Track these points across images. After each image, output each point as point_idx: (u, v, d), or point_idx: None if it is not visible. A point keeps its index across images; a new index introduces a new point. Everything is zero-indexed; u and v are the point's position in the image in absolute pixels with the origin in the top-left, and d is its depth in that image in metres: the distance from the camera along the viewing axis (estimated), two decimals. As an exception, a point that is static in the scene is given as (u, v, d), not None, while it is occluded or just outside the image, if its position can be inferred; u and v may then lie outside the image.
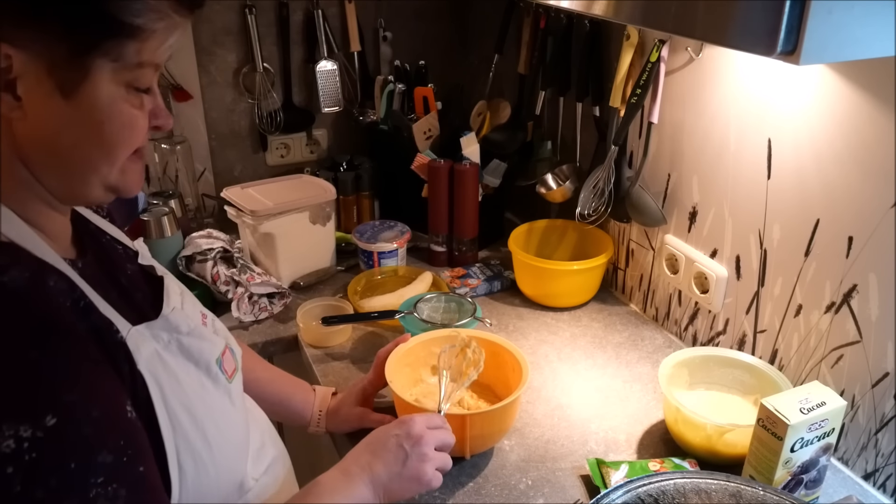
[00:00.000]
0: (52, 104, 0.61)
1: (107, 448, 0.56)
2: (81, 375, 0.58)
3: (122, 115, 0.65)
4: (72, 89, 0.61)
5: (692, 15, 0.69)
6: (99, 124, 0.64)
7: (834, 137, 0.99)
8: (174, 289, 0.81)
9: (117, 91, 0.64)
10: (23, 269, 0.59)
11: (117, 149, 0.66)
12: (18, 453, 0.51)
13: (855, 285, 1.00)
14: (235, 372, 0.82)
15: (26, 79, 0.60)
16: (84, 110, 0.63)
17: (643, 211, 1.35)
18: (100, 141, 0.65)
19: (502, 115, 1.68)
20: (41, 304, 0.58)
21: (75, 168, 0.66)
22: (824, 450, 0.95)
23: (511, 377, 1.10)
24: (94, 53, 0.61)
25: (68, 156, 0.65)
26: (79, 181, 0.66)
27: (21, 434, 0.52)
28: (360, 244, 1.54)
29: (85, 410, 0.56)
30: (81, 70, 0.61)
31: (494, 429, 1.06)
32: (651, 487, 0.85)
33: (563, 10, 1.43)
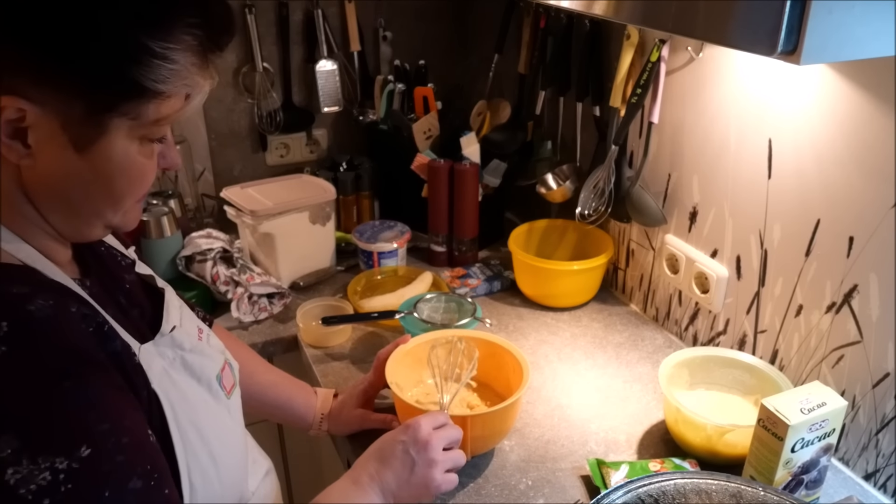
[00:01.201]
0: (64, 157, 0.61)
1: (136, 474, 0.57)
2: (111, 404, 0.58)
3: (133, 169, 0.65)
4: (86, 145, 0.61)
5: (692, 15, 0.69)
6: (110, 178, 0.64)
7: (834, 137, 0.99)
8: (174, 303, 0.80)
9: (131, 146, 0.64)
10: (46, 296, 0.58)
11: (126, 199, 0.67)
12: (55, 485, 0.51)
13: (855, 285, 1.00)
14: (234, 388, 0.82)
15: (38, 130, 0.59)
16: (96, 165, 0.62)
17: (643, 211, 1.35)
18: (109, 192, 0.65)
19: (502, 115, 1.68)
20: (68, 333, 0.58)
21: (81, 214, 0.67)
22: (825, 450, 0.94)
23: (512, 378, 1.10)
24: (112, 113, 0.61)
25: (75, 203, 0.65)
26: (84, 224, 0.67)
27: (57, 466, 0.52)
28: (360, 244, 1.54)
29: (116, 439, 0.56)
30: (98, 127, 0.61)
31: (496, 430, 1.05)
32: (651, 488, 0.85)
33: (563, 10, 1.43)
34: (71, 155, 0.61)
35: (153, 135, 0.65)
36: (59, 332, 0.57)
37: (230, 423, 0.79)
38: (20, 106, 0.57)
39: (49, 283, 0.62)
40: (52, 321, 0.57)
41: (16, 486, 0.50)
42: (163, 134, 0.66)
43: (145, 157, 0.66)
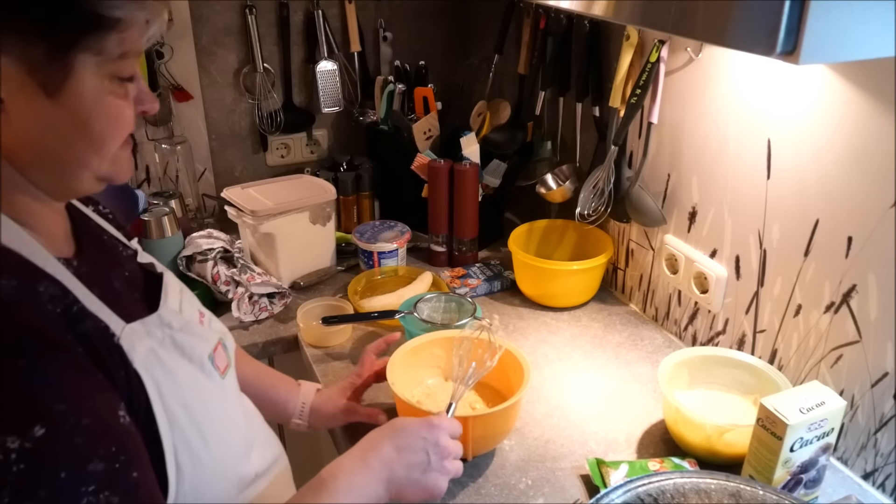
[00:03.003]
0: (36, 104, 0.60)
1: (98, 456, 0.56)
2: (70, 384, 0.57)
3: (108, 108, 0.64)
4: (55, 88, 0.60)
5: (692, 15, 0.69)
6: (86, 120, 0.63)
7: (834, 137, 0.99)
8: (173, 286, 0.80)
9: (101, 84, 0.63)
10: (10, 276, 0.58)
11: (107, 142, 0.65)
12: (5, 465, 0.50)
13: (854, 285, 1.00)
14: (228, 368, 0.81)
15: (7, 81, 0.58)
16: (70, 108, 0.61)
17: (643, 211, 1.35)
18: (88, 136, 0.64)
19: (502, 115, 1.68)
20: (29, 313, 0.57)
21: (65, 165, 0.65)
22: (824, 449, 0.95)
23: (512, 378, 1.10)
24: (75, 50, 0.60)
25: (57, 154, 0.64)
26: (69, 177, 0.66)
27: (8, 445, 0.51)
28: (360, 244, 1.54)
29: (75, 419, 0.55)
30: (64, 68, 0.60)
31: (496, 430, 1.06)
32: (651, 487, 0.85)
33: (563, 11, 1.43)
34: (43, 101, 0.60)
35: (121, 72, 0.64)
36: (19, 313, 0.56)
37: (224, 402, 0.78)
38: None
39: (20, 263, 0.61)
40: (12, 300, 0.56)
41: None
42: (132, 72, 0.65)
43: (119, 98, 0.64)
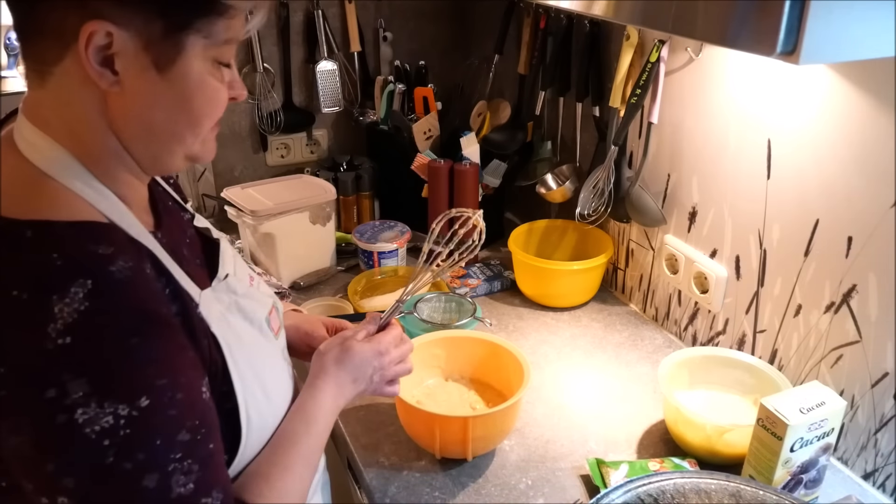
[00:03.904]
0: (148, 79, 0.64)
1: (185, 427, 0.62)
2: (171, 361, 0.63)
3: (208, 89, 0.68)
4: (166, 65, 0.64)
5: (692, 15, 0.69)
6: (189, 98, 0.67)
7: (834, 137, 0.99)
8: (228, 252, 0.85)
9: (205, 66, 0.67)
10: (126, 257, 0.62)
11: (203, 121, 0.69)
12: (115, 428, 0.57)
13: (854, 285, 1.00)
14: (280, 329, 0.88)
15: (124, 55, 0.62)
16: (176, 85, 0.66)
17: (643, 211, 1.35)
18: (189, 114, 0.68)
19: (502, 115, 1.68)
20: (143, 294, 0.62)
21: (164, 139, 0.69)
22: (824, 450, 0.95)
23: (513, 378, 1.10)
24: (187, 30, 0.64)
25: (159, 128, 0.68)
26: (166, 151, 0.70)
27: (119, 412, 0.57)
28: (360, 244, 1.54)
29: (171, 394, 0.61)
30: (176, 46, 0.64)
31: (496, 430, 1.06)
32: (651, 487, 0.85)
33: (563, 11, 1.43)
34: (153, 76, 0.64)
35: (223, 57, 0.68)
36: (134, 293, 0.61)
37: (280, 361, 0.84)
38: (108, 30, 0.60)
39: (130, 243, 0.65)
40: (129, 283, 0.61)
41: (83, 424, 0.56)
42: (230, 57, 0.70)
43: (217, 80, 0.69)
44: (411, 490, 1.01)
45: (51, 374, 0.56)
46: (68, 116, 0.65)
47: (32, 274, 0.58)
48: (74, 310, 0.57)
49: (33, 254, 0.59)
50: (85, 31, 0.60)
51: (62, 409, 0.56)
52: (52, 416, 0.56)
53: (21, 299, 0.57)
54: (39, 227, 0.60)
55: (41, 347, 0.56)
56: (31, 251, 0.59)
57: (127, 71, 0.63)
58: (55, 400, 0.56)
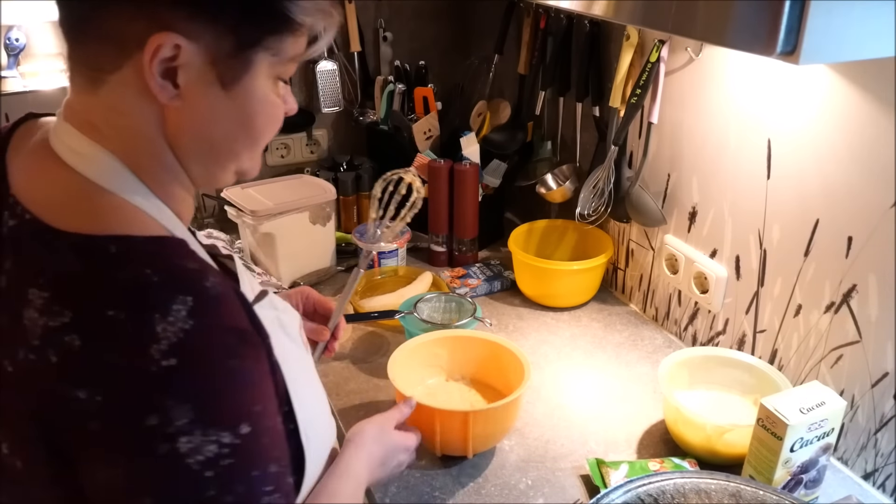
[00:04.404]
0: (211, 94, 0.61)
1: (273, 458, 0.58)
2: (263, 385, 0.59)
3: (270, 107, 0.66)
4: (232, 81, 0.62)
5: (692, 15, 0.69)
6: (252, 116, 0.65)
7: (834, 137, 0.99)
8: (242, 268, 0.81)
9: (268, 83, 0.65)
10: (213, 273, 0.58)
11: (262, 138, 0.67)
12: (218, 458, 0.52)
13: (854, 285, 1.00)
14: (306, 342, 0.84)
15: (189, 69, 0.59)
16: (239, 101, 0.63)
17: (643, 211, 1.35)
18: (249, 131, 0.66)
19: (502, 115, 1.68)
20: (235, 312, 0.58)
21: (221, 155, 0.66)
22: (824, 450, 0.95)
23: (512, 377, 1.10)
24: (257, 48, 0.61)
25: (218, 144, 0.65)
26: (220, 168, 0.67)
27: (222, 440, 0.53)
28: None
29: (266, 421, 0.57)
30: (245, 63, 0.61)
31: (497, 427, 1.06)
32: (651, 487, 0.85)
33: (563, 11, 1.43)
34: (217, 92, 0.61)
35: (285, 74, 0.66)
36: (228, 311, 0.57)
37: (316, 376, 0.80)
38: (177, 42, 0.57)
39: (204, 260, 0.61)
40: (223, 300, 0.57)
41: (186, 454, 0.51)
42: (292, 73, 0.68)
43: (277, 97, 0.66)
44: (411, 490, 1.01)
45: (154, 400, 0.51)
46: (122, 126, 0.61)
47: (128, 292, 0.53)
48: (179, 329, 0.52)
49: (124, 270, 0.54)
50: (153, 43, 0.56)
51: (164, 438, 0.51)
52: (154, 446, 0.51)
53: (118, 319, 0.52)
54: (122, 242, 0.56)
55: (144, 370, 0.51)
56: (121, 268, 0.54)
57: (190, 85, 0.60)
58: (157, 428, 0.51)
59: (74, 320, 0.52)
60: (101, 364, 0.51)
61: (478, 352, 1.17)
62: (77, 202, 0.59)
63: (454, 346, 1.18)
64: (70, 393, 0.51)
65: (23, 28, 1.45)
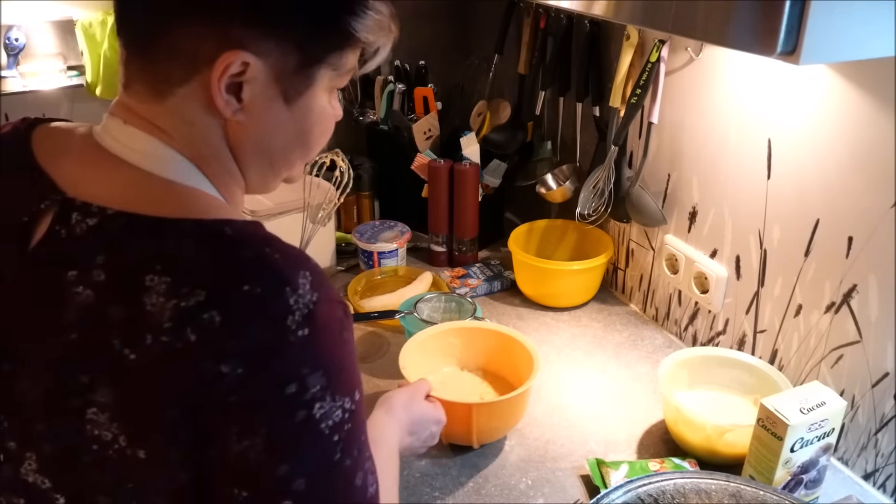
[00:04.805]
0: (274, 109, 0.63)
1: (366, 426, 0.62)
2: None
3: (326, 119, 0.68)
4: (295, 96, 0.64)
5: (692, 15, 0.69)
6: (310, 128, 0.67)
7: (834, 137, 0.99)
8: None
9: (325, 97, 0.67)
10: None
11: (316, 149, 0.70)
12: (342, 423, 0.56)
13: (855, 285, 1.00)
14: None
15: (254, 84, 0.61)
16: (299, 115, 0.65)
17: (643, 211, 1.35)
18: (305, 143, 0.68)
19: (502, 115, 1.68)
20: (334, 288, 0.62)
21: (276, 165, 0.69)
22: (824, 450, 0.95)
23: (523, 370, 1.11)
24: (320, 64, 0.63)
25: (276, 155, 0.68)
26: (273, 176, 0.71)
27: (345, 405, 0.56)
28: (360, 244, 1.54)
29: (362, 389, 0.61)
30: (308, 80, 0.63)
31: (502, 421, 1.07)
32: (651, 487, 0.86)
33: (563, 11, 1.43)
34: (280, 107, 0.63)
35: (340, 85, 0.68)
36: (332, 286, 0.61)
37: None
38: (246, 59, 0.59)
39: None
40: (326, 275, 0.60)
41: (319, 420, 0.54)
42: (345, 84, 0.69)
43: (331, 108, 0.69)
44: (411, 490, 1.01)
45: (293, 368, 0.54)
46: (189, 133, 0.63)
47: (259, 268, 0.55)
48: (309, 301, 0.55)
49: (247, 249, 0.57)
50: (223, 60, 0.58)
51: (302, 405, 0.54)
52: (293, 413, 0.53)
53: (255, 293, 0.54)
54: (233, 225, 0.58)
55: (284, 341, 0.53)
56: (243, 247, 0.57)
57: (254, 100, 0.61)
58: (296, 395, 0.53)
59: (210, 298, 0.53)
60: (244, 336, 0.53)
61: (491, 343, 1.19)
62: (165, 195, 0.60)
63: (469, 337, 1.20)
64: (214, 368, 0.52)
65: (23, 28, 1.45)
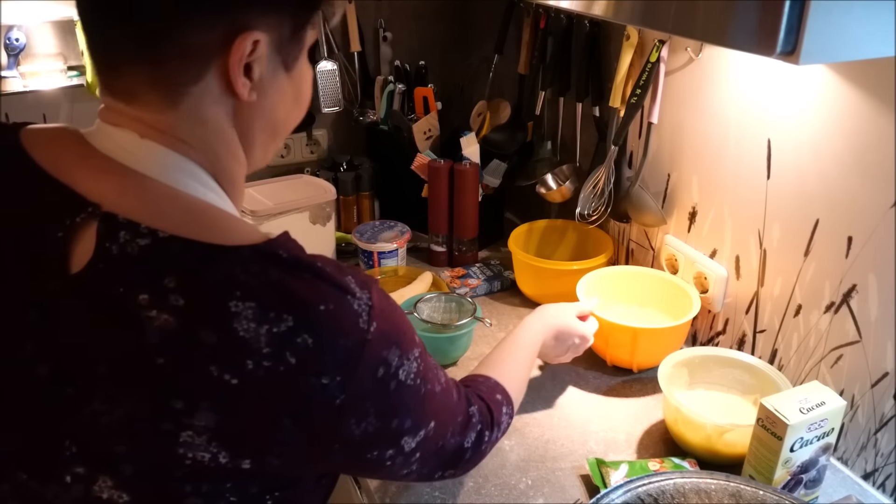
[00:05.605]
0: (278, 80, 0.65)
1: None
2: None
3: (310, 77, 0.71)
4: (292, 63, 0.66)
5: (692, 15, 0.69)
6: (304, 90, 0.70)
7: (834, 137, 0.99)
8: None
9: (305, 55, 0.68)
10: None
11: (306, 108, 0.72)
12: (418, 369, 0.67)
13: (854, 285, 1.00)
14: None
15: (261, 60, 0.62)
16: (296, 80, 0.68)
17: (643, 211, 1.35)
18: (302, 106, 0.70)
19: (502, 115, 1.68)
20: None
21: (279, 135, 0.71)
22: (824, 449, 0.95)
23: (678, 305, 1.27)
24: (306, 25, 0.65)
25: (280, 125, 0.70)
26: (275, 147, 0.72)
27: (415, 356, 0.67)
28: (360, 244, 1.54)
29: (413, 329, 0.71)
30: (300, 43, 0.66)
31: (662, 346, 1.18)
32: (651, 487, 0.85)
33: (563, 11, 1.43)
34: (282, 76, 0.65)
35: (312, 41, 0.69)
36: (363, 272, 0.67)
37: None
38: (256, 38, 0.60)
39: None
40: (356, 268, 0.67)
41: (405, 379, 0.65)
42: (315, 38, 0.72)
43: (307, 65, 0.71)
44: (411, 490, 1.01)
45: (376, 357, 0.62)
46: (206, 135, 0.63)
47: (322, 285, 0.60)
48: (366, 301, 0.61)
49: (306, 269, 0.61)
50: (239, 44, 0.59)
51: (391, 377, 0.63)
52: (387, 386, 0.63)
53: (330, 310, 0.59)
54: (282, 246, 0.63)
55: (363, 341, 0.60)
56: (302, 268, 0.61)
57: (262, 76, 0.62)
58: (385, 374, 0.63)
59: (298, 322, 0.57)
60: (334, 349, 0.59)
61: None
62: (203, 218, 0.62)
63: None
64: (316, 382, 0.58)
65: (23, 28, 1.45)
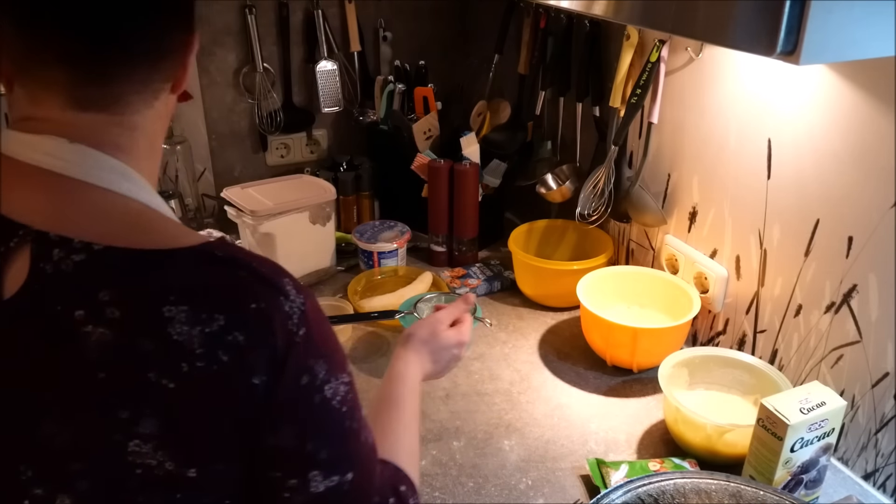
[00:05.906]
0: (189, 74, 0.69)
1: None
2: None
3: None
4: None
5: (692, 15, 0.69)
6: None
7: (834, 137, 0.99)
8: None
9: None
10: None
11: None
12: (346, 395, 0.64)
13: (855, 285, 1.00)
14: None
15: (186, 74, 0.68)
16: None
17: (643, 211, 1.35)
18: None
19: (502, 115, 1.68)
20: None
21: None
22: (824, 450, 0.95)
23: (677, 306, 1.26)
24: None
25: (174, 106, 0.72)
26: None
27: (343, 380, 0.64)
28: (360, 244, 1.54)
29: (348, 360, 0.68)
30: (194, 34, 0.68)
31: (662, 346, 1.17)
32: (651, 487, 0.86)
33: (563, 10, 1.43)
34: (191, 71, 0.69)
35: None
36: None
37: None
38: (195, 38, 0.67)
39: None
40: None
41: (330, 398, 0.62)
42: None
43: None
44: (411, 490, 1.01)
45: (302, 363, 0.60)
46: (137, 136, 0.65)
47: (256, 285, 0.60)
48: (299, 303, 0.61)
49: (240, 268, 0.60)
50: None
51: (315, 390, 0.61)
52: (311, 400, 0.61)
53: (261, 308, 0.59)
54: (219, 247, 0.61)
55: (293, 343, 0.60)
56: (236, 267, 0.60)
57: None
58: (309, 384, 0.61)
59: (229, 321, 0.57)
60: (263, 349, 0.58)
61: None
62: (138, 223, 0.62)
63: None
64: (248, 381, 0.58)
65: (23, 28, 1.45)
